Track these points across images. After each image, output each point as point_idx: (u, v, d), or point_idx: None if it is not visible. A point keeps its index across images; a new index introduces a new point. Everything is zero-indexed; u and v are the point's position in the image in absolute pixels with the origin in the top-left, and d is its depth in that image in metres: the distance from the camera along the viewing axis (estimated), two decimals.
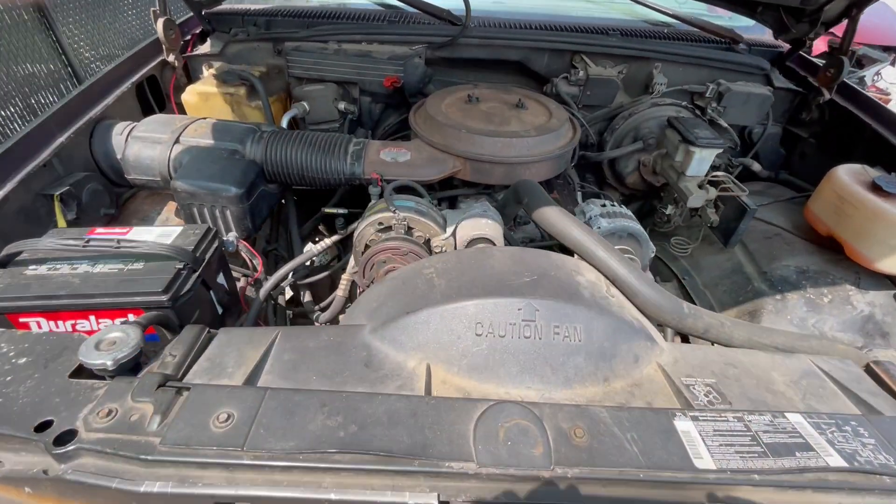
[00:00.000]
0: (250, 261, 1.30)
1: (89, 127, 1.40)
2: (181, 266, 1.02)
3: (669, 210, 1.87)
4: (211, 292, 1.14)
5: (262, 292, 1.29)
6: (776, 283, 1.58)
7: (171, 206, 1.58)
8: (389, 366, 0.87)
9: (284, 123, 1.70)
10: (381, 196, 1.40)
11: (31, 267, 1.01)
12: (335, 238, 1.40)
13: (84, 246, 1.01)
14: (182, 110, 1.79)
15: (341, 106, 1.83)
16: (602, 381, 0.87)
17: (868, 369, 0.96)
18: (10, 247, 1.01)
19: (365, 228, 1.27)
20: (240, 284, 1.37)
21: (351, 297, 1.50)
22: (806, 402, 0.86)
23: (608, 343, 0.89)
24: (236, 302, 1.28)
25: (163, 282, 0.97)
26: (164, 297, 0.96)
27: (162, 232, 1.13)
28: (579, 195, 1.95)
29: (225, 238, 1.23)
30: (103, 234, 1.12)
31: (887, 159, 1.67)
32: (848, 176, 1.50)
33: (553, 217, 1.12)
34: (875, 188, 1.42)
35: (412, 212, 1.25)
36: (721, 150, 1.60)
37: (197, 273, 1.06)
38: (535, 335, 0.87)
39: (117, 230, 1.14)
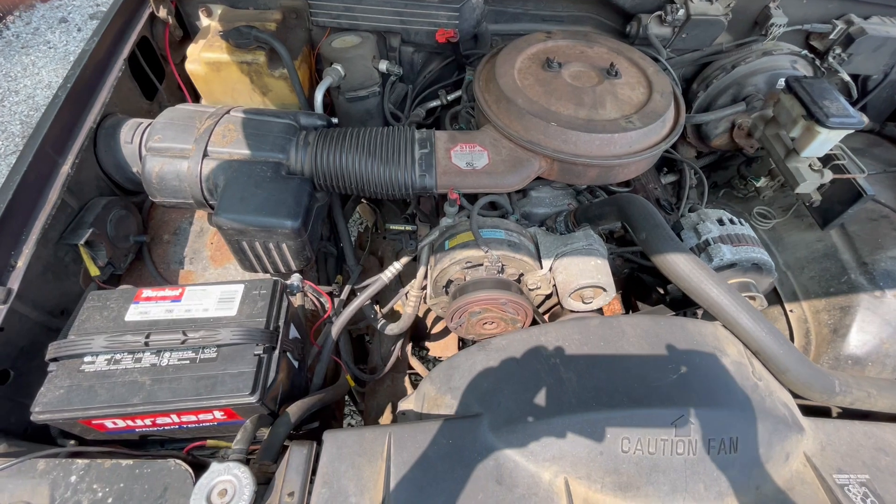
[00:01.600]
0: (317, 300, 1.14)
1: (92, 136, 1.12)
2: (261, 351, 0.88)
3: (762, 182, 1.64)
4: (288, 354, 1.02)
5: (335, 331, 1.16)
6: (878, 277, 1.45)
7: (202, 213, 1.37)
8: (523, 481, 0.79)
9: (319, 100, 1.38)
10: (458, 212, 1.19)
11: (86, 360, 0.87)
12: (405, 261, 1.22)
13: (146, 344, 0.85)
14: (186, 80, 1.45)
15: (383, 66, 1.48)
16: (754, 489, 0.80)
17: None
18: (57, 348, 0.85)
19: (449, 266, 1.09)
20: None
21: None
22: None
23: (762, 449, 0.80)
24: (306, 342, 1.17)
25: (247, 380, 0.85)
26: (252, 399, 0.84)
27: (223, 295, 0.96)
28: None
29: (289, 283, 1.06)
30: (155, 299, 0.96)
31: None
32: None
33: (685, 269, 0.94)
34: None
35: (505, 247, 1.06)
36: (854, 130, 1.33)
37: (277, 351, 0.92)
38: (689, 451, 0.77)
39: (169, 292, 0.96)
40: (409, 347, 1.50)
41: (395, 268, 1.21)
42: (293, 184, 1.11)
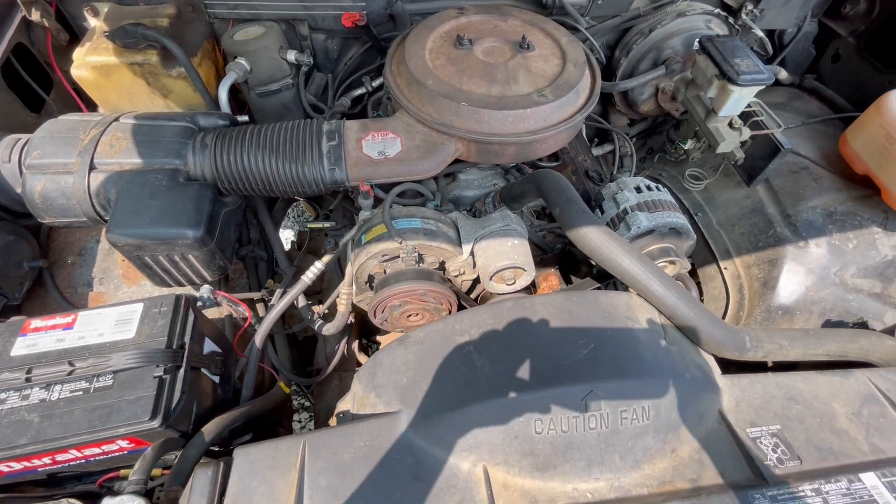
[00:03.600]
0: (234, 311, 1.09)
1: None
2: (161, 373, 0.83)
3: (689, 145, 1.66)
4: (203, 370, 0.97)
5: (259, 339, 1.12)
6: (800, 228, 1.49)
7: None
8: (442, 475, 0.77)
9: (223, 98, 1.30)
10: (375, 204, 1.15)
11: None
12: (327, 259, 1.17)
13: (26, 381, 0.79)
14: (78, 87, 1.34)
15: (291, 56, 1.41)
16: (670, 452, 0.81)
17: None
18: None
19: (367, 261, 1.06)
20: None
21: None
22: (870, 441, 0.84)
23: (675, 413, 0.81)
24: (230, 353, 1.12)
25: (146, 405, 0.80)
26: (154, 424, 0.79)
27: (119, 317, 0.90)
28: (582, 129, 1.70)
29: (198, 296, 1.01)
30: (44, 329, 0.89)
31: None
32: None
33: (596, 240, 0.94)
34: None
35: (420, 235, 1.03)
36: (765, 86, 1.35)
37: (182, 369, 0.87)
38: (601, 424, 0.77)
39: (60, 320, 0.90)
40: (355, 344, 1.47)
41: (316, 268, 1.16)
42: (192, 190, 1.05)
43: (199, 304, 1.01)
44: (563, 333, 0.84)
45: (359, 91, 1.56)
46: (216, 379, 1.03)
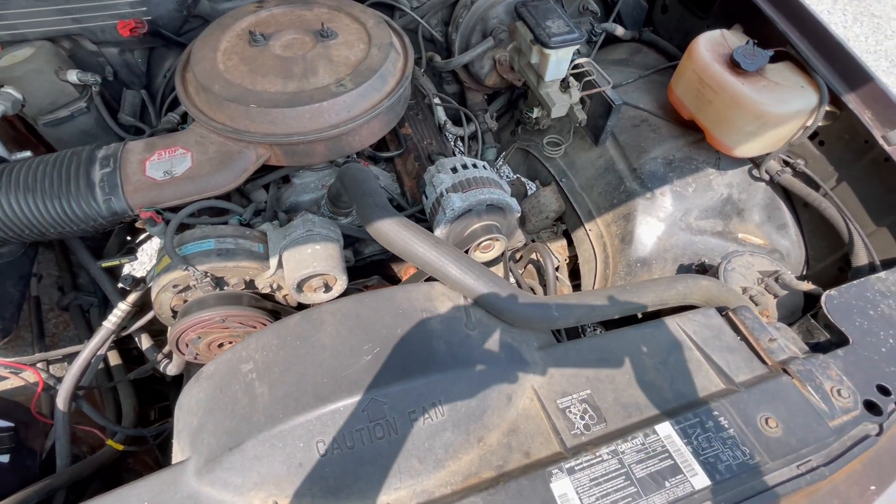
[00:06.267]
0: (16, 376, 0.96)
1: None
2: None
3: (536, 113, 1.65)
4: None
5: (61, 401, 1.00)
6: (646, 179, 1.52)
7: None
8: None
9: None
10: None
11: None
12: (132, 299, 1.06)
13: None
14: None
15: (73, 77, 1.25)
16: (476, 442, 0.78)
17: (727, 317, 0.96)
18: None
19: (160, 295, 0.96)
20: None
21: None
22: (674, 387, 0.85)
23: (475, 401, 0.78)
24: (30, 424, 0.99)
25: None
26: None
27: None
28: (440, 111, 1.65)
29: None
30: None
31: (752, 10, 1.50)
32: (708, 51, 1.35)
33: (389, 232, 0.88)
34: (733, 65, 1.29)
35: (213, 258, 0.94)
36: (580, 45, 1.34)
37: None
38: (390, 432, 0.73)
39: None
40: None
41: (120, 310, 1.05)
42: None
43: None
44: (347, 342, 0.78)
45: None
46: (4, 459, 0.91)
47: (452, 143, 1.62)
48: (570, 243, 1.74)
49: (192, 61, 1.14)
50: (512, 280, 1.30)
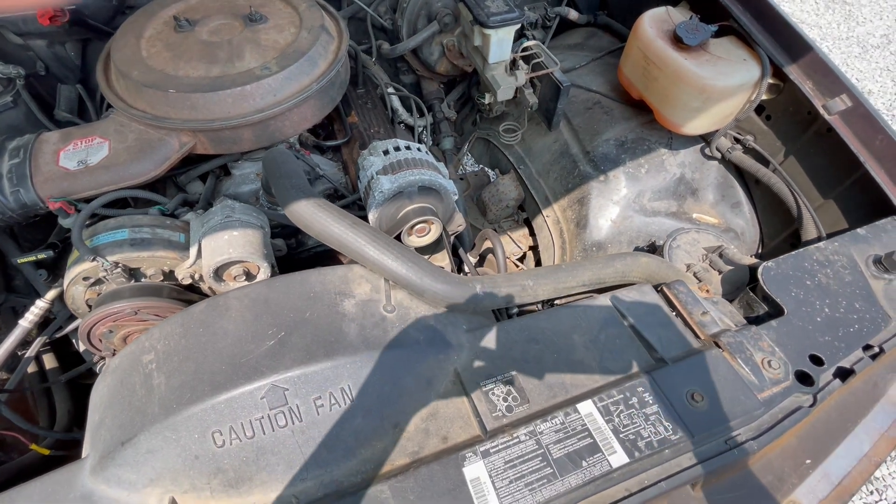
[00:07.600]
0: None
1: None
2: None
3: (488, 99, 1.61)
4: None
5: None
6: (599, 162, 1.50)
7: None
8: None
9: None
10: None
11: None
12: (52, 295, 1.01)
13: None
14: None
15: None
16: (391, 428, 0.74)
17: (662, 293, 0.93)
18: None
19: (71, 288, 0.91)
20: None
21: None
22: (603, 364, 0.81)
23: (388, 386, 0.74)
24: None
25: None
26: None
27: None
28: (395, 100, 1.61)
29: None
30: None
31: None
32: (652, 28, 1.32)
33: (305, 214, 0.85)
34: (676, 41, 1.27)
35: (126, 248, 0.90)
36: (519, 25, 1.31)
37: None
38: (293, 420, 0.69)
39: None
40: None
41: (37, 307, 1.00)
42: None
43: None
44: (252, 327, 0.74)
45: None
46: None
47: (417, 135, 1.59)
48: (533, 232, 1.72)
49: (113, 48, 1.10)
50: (467, 269, 1.26)
